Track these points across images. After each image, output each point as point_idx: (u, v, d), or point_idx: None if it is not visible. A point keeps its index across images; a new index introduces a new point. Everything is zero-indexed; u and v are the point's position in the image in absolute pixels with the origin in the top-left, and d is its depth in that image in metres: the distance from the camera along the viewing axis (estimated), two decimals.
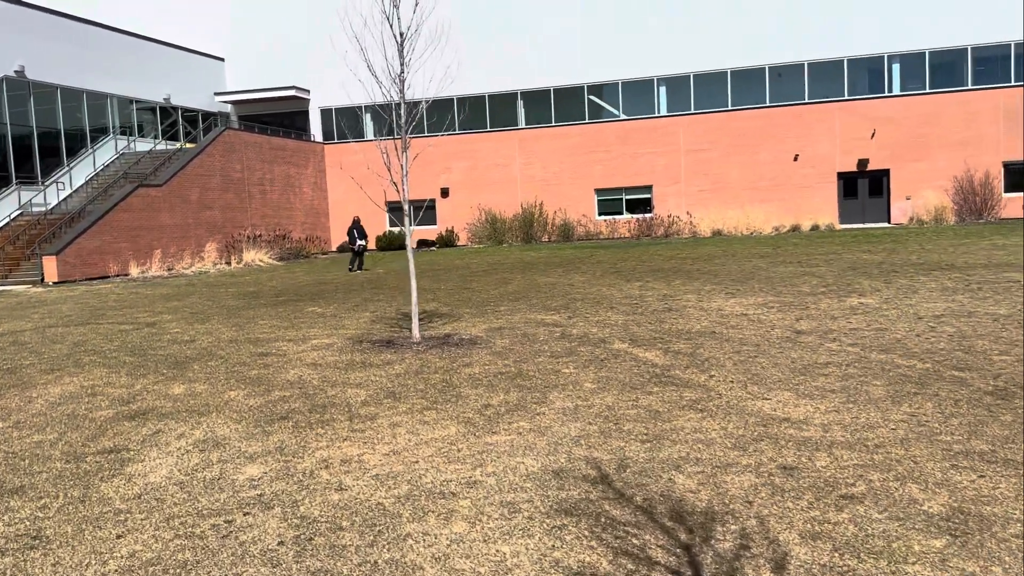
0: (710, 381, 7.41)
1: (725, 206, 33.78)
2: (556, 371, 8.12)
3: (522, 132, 36.33)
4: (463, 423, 6.30)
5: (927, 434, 5.46)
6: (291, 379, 8.42)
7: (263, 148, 33.94)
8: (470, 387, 7.57)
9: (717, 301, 12.99)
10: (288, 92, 37.61)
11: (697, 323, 10.91)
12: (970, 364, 7.58)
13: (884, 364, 7.78)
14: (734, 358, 8.43)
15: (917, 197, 32.04)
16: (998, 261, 16.66)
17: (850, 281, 14.68)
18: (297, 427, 6.47)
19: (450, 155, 36.74)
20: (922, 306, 11.38)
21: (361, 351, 9.83)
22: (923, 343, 8.75)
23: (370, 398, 7.33)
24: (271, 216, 34.01)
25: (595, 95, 35.92)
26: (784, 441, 5.46)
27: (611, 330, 10.62)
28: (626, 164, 35.22)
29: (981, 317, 10.20)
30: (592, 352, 9.09)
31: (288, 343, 10.79)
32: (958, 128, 31.54)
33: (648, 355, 8.79)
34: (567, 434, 5.86)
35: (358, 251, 23.93)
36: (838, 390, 6.84)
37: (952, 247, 20.71)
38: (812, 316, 11.04)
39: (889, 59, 32.49)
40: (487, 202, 36.37)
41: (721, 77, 34.25)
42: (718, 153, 34.22)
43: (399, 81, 9.45)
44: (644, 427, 5.94)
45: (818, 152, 33.21)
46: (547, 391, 7.28)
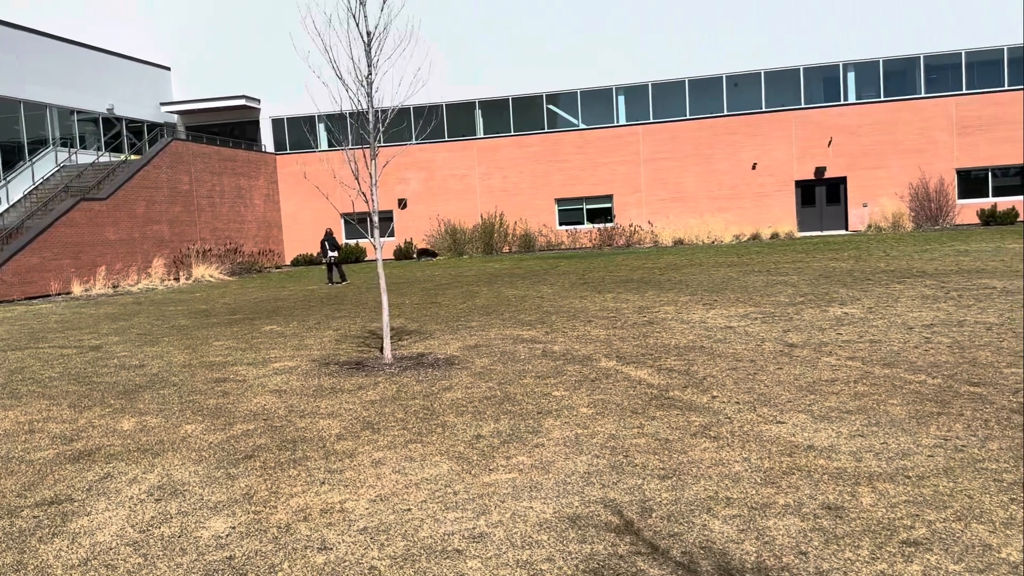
0: (714, 403, 6.89)
1: (686, 215, 33.66)
2: (546, 394, 7.51)
3: (481, 142, 35.78)
4: (455, 459, 5.65)
5: (969, 461, 5.00)
6: (254, 409, 7.66)
7: (212, 159, 32.77)
8: (455, 414, 6.93)
9: (697, 313, 12.55)
10: (238, 102, 36.47)
11: (682, 337, 10.43)
12: (982, 378, 7.20)
13: (893, 380, 7.36)
14: (732, 376, 7.94)
15: (874, 204, 32.31)
16: (968, 267, 16.59)
17: (826, 290, 14.40)
18: (266, 468, 5.75)
19: (407, 165, 35.97)
20: (908, 315, 11.07)
21: (329, 374, 9.11)
22: (925, 356, 8.37)
23: (346, 430, 6.63)
24: (222, 229, 32.82)
25: (554, 104, 35.57)
26: (817, 474, 4.94)
27: (595, 346, 10.07)
28: (586, 173, 34.90)
29: (973, 326, 9.91)
30: (580, 371, 8.52)
31: (247, 367, 10.00)
32: (912, 136, 31.92)
33: (640, 374, 8.25)
34: (575, 470, 5.25)
35: (331, 263, 23.24)
36: (855, 411, 6.37)
37: (916, 253, 20.71)
38: (799, 328, 10.65)
39: (844, 67, 32.78)
40: (446, 213, 35.70)
41: (679, 86, 34.19)
42: (677, 162, 34.11)
43: (367, 84, 8.79)
44: (658, 460, 5.37)
45: (776, 160, 33.31)
46: (541, 418, 6.67)
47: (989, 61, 31.31)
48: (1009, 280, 14.03)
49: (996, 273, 15.21)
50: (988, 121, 31.11)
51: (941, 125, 31.61)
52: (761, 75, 33.39)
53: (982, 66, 31.44)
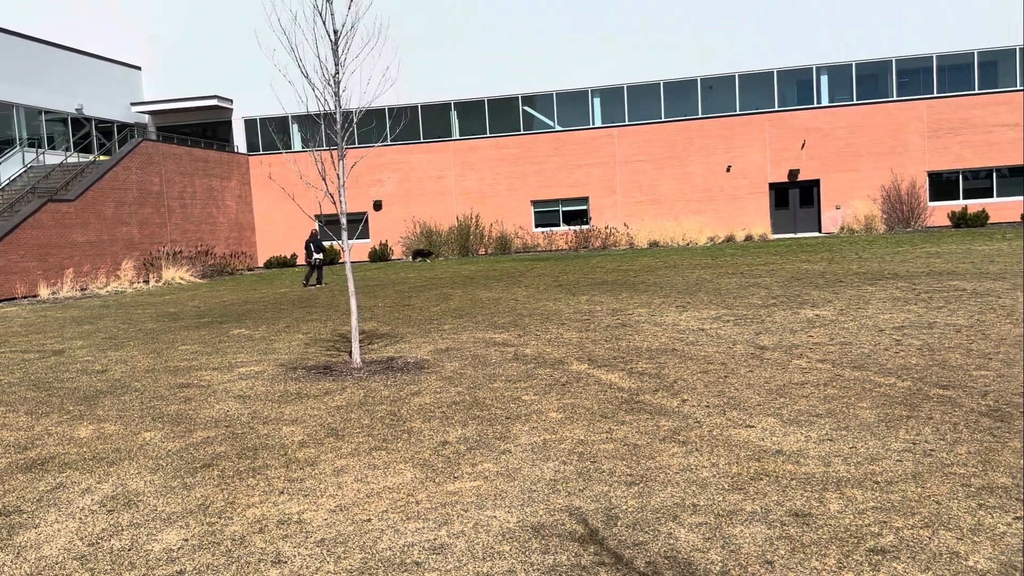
0: (684, 407, 6.82)
1: (661, 217, 33.73)
2: (516, 398, 7.40)
3: (456, 143, 35.63)
4: (419, 466, 5.52)
5: (938, 466, 4.95)
6: (216, 416, 7.48)
7: (183, 160, 32.33)
8: (422, 420, 6.80)
9: (670, 315, 12.51)
10: (210, 102, 36.03)
11: (655, 340, 10.37)
12: (952, 381, 7.19)
13: (863, 383, 7.33)
14: (703, 379, 7.88)
15: (847, 206, 32.58)
16: (939, 269, 16.72)
17: (798, 292, 14.43)
18: (224, 477, 5.58)
19: (382, 167, 35.76)
20: (879, 317, 11.10)
21: (295, 379, 8.93)
22: (895, 358, 8.37)
23: (309, 437, 6.47)
24: (193, 231, 32.38)
25: (529, 106, 35.51)
26: (785, 479, 4.87)
27: (567, 349, 9.98)
28: (562, 175, 34.88)
29: (943, 328, 9.94)
30: (551, 375, 8.42)
31: (212, 372, 9.79)
32: (884, 138, 32.23)
33: (611, 377, 8.17)
34: (540, 477, 5.15)
35: (315, 265, 22.79)
36: (824, 415, 6.32)
37: (888, 256, 20.86)
38: (771, 330, 10.63)
39: (817, 71, 33.04)
40: (421, 215, 35.51)
41: (654, 89, 34.27)
42: (652, 164, 34.18)
43: (334, 83, 8.63)
44: (626, 466, 5.28)
45: (750, 163, 33.48)
46: (509, 423, 6.56)
47: (959, 64, 31.71)
48: (979, 282, 14.14)
49: (966, 275, 15.33)
50: (959, 124, 31.49)
51: (913, 128, 31.96)
52: (735, 78, 33.56)
53: (952, 69, 31.83)
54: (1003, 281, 14.05)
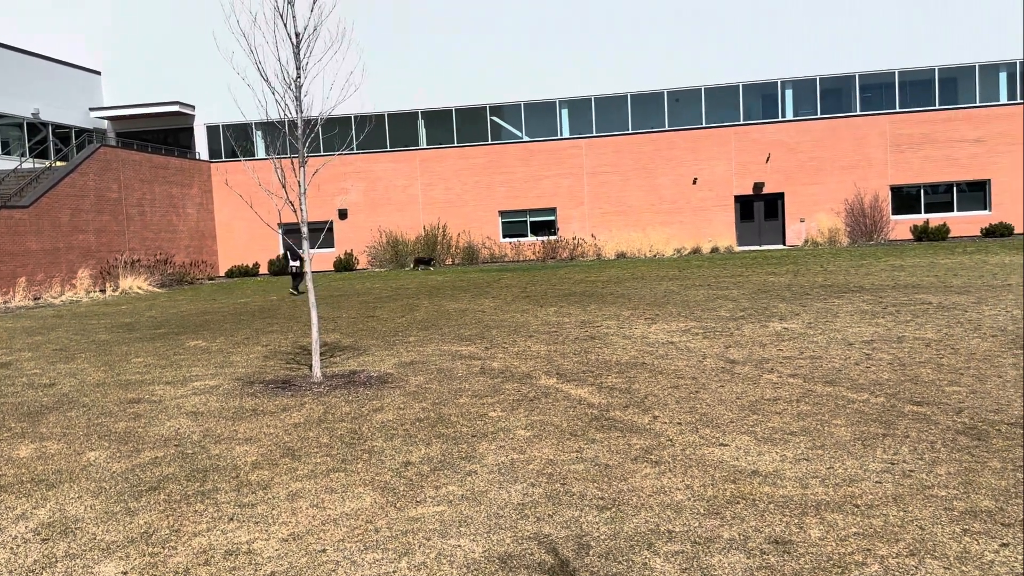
0: (656, 424, 6.61)
1: (628, 228, 33.74)
2: (482, 415, 7.14)
3: (424, 152, 35.34)
4: (379, 489, 5.23)
5: (918, 488, 4.79)
6: (166, 434, 7.10)
7: (143, 166, 31.59)
8: (384, 439, 6.50)
9: (639, 327, 12.34)
10: (171, 108, 35.32)
11: (624, 353, 10.18)
12: (925, 397, 7.08)
13: (836, 399, 7.20)
14: (674, 395, 7.69)
15: (811, 219, 32.88)
16: (904, 282, 16.81)
17: (766, 305, 14.38)
18: (170, 502, 5.24)
19: (348, 175, 35.32)
20: (848, 331, 11.04)
21: (252, 395, 8.57)
22: (866, 373, 8.26)
23: (263, 458, 6.14)
24: (152, 239, 31.62)
25: (497, 116, 35.36)
26: (762, 503, 4.67)
27: (535, 363, 9.74)
28: (530, 186, 34.75)
29: (912, 343, 9.89)
30: (519, 390, 8.17)
31: (165, 386, 9.38)
32: (848, 152, 32.62)
33: (581, 392, 7.95)
34: (508, 501, 4.89)
35: (294, 273, 22.62)
36: (798, 432, 6.16)
37: (853, 268, 20.99)
38: (740, 343, 10.51)
39: (782, 85, 33.36)
40: (388, 224, 35.11)
41: (621, 100, 34.35)
42: (620, 176, 34.21)
43: (295, 87, 8.34)
44: (597, 488, 5.04)
45: (716, 176, 33.67)
46: (475, 441, 6.29)
47: (921, 81, 32.24)
48: (944, 295, 14.20)
49: (931, 288, 15.42)
50: (920, 139, 31.99)
51: (875, 142, 32.39)
52: (701, 91, 33.76)
53: (914, 85, 32.35)
54: (968, 295, 14.13)
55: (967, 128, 31.61)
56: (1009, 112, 31.29)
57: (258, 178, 9.47)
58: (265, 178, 35.13)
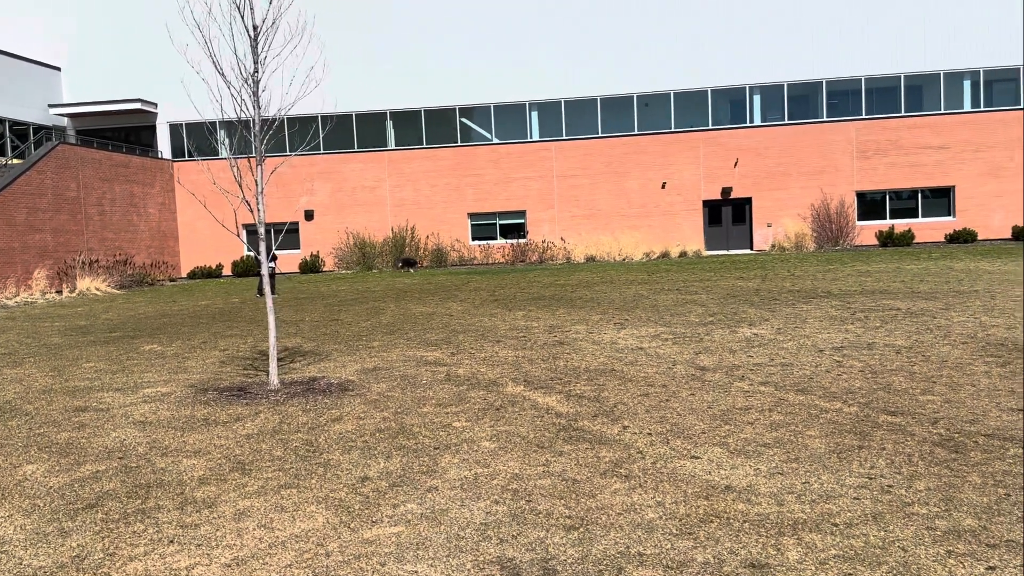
0: (625, 434, 6.38)
1: (597, 232, 33.64)
2: (446, 425, 6.85)
3: (392, 153, 34.93)
4: (333, 508, 4.92)
5: (898, 504, 4.61)
6: (111, 445, 6.71)
7: (103, 165, 30.79)
8: (341, 451, 6.19)
9: (608, 333, 12.14)
10: (133, 105, 34.51)
11: (593, 359, 9.95)
12: (899, 407, 6.94)
13: (808, 408, 7.03)
14: (644, 403, 7.47)
15: (778, 225, 33.05)
16: (871, 288, 16.83)
17: (735, 310, 14.26)
18: (108, 521, 4.88)
19: (314, 175, 34.79)
20: (818, 337, 10.93)
21: (205, 403, 8.19)
22: (838, 381, 8.12)
23: (211, 472, 5.79)
24: (111, 239, 30.82)
25: (467, 118, 35.08)
26: (737, 521, 4.45)
27: (502, 369, 9.48)
28: (499, 188, 34.51)
29: (882, 349, 9.80)
30: (485, 398, 7.90)
31: (115, 393, 8.96)
32: (815, 158, 32.84)
33: (548, 400, 7.69)
34: (470, 521, 4.61)
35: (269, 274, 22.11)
36: (772, 444, 5.96)
37: (820, 274, 21.03)
38: (710, 350, 10.34)
39: (750, 90, 33.51)
40: (355, 225, 34.63)
41: (591, 104, 34.25)
42: (589, 179, 34.11)
43: (252, 82, 7.99)
44: (564, 506, 4.79)
45: (684, 180, 33.70)
46: (438, 454, 6.00)
47: (887, 88, 32.57)
48: (912, 301, 14.20)
49: (899, 294, 15.43)
50: (886, 145, 32.31)
51: (842, 148, 32.65)
52: (671, 96, 33.79)
53: (880, 92, 32.68)
54: (935, 301, 14.14)
55: (931, 135, 32.00)
56: (972, 120, 31.73)
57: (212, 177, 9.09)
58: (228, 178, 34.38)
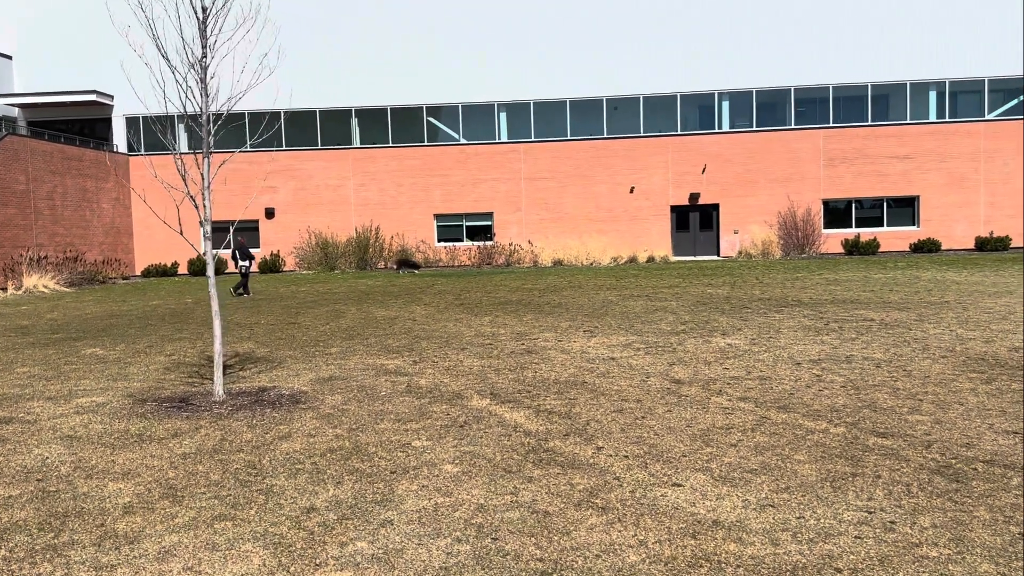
0: (600, 457, 5.88)
1: (565, 236, 33.22)
2: (404, 445, 6.29)
3: (356, 151, 34.16)
4: (272, 546, 4.34)
5: (905, 546, 4.16)
6: (30, 464, 6.04)
7: (55, 158, 29.59)
8: (287, 475, 5.59)
9: (578, 341, 11.66)
10: (88, 97, 33.28)
11: (563, 369, 9.46)
12: (889, 428, 6.54)
13: (793, 428, 6.60)
14: (619, 420, 6.98)
15: (744, 231, 32.94)
16: (842, 297, 16.60)
17: (706, 318, 13.89)
18: (11, 560, 4.24)
19: (276, 173, 33.86)
20: (793, 348, 10.57)
21: (142, 416, 7.52)
22: (820, 397, 7.72)
23: (138, 499, 5.17)
24: (62, 235, 29.63)
25: (434, 117, 34.45)
26: (730, 566, 3.97)
27: (466, 380, 8.93)
28: (467, 190, 33.93)
29: (861, 363, 9.45)
30: (448, 413, 7.35)
31: (45, 402, 8.24)
32: (782, 165, 32.80)
33: (516, 416, 7.17)
34: (428, 564, 4.06)
35: (244, 273, 21.78)
36: (758, 469, 5.50)
37: (788, 282, 20.82)
38: (684, 361, 9.91)
39: (719, 96, 33.38)
40: (318, 225, 33.78)
41: (560, 106, 33.85)
42: (558, 182, 33.70)
43: (200, 68, 7.35)
44: (535, 545, 4.26)
45: (652, 185, 33.45)
46: (394, 480, 5.44)
47: (854, 96, 32.66)
48: (884, 312, 13.95)
49: (870, 304, 15.20)
50: (852, 154, 32.38)
51: (809, 156, 32.65)
52: (640, 100, 33.52)
53: (847, 101, 32.76)
54: (907, 311, 13.91)
55: (897, 145, 32.15)
56: (937, 130, 31.94)
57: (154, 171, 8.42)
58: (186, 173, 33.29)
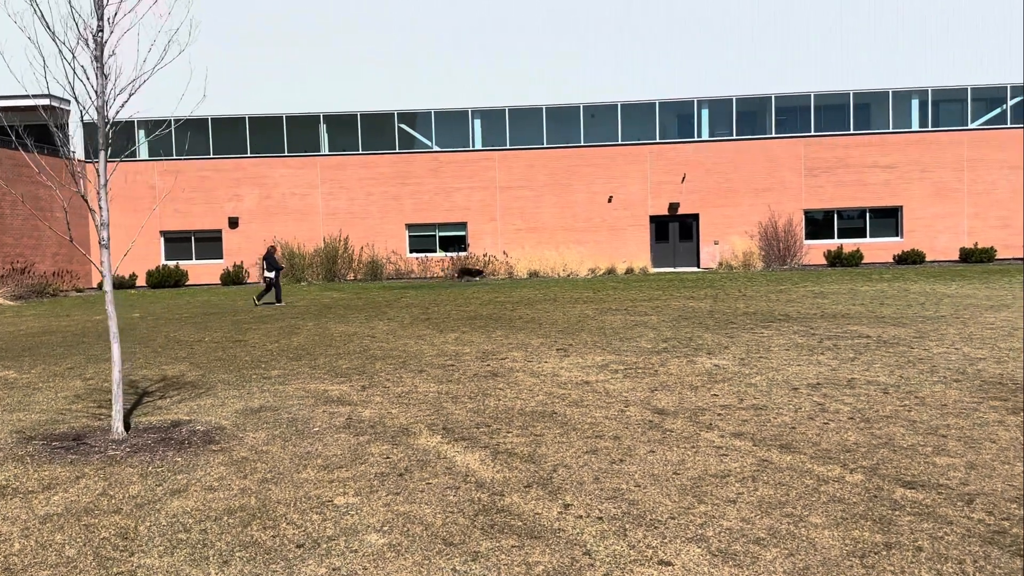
0: (567, 519, 4.72)
1: (541, 246, 32.13)
2: (324, 503, 5.08)
3: (325, 159, 32.89)
4: None
5: None
6: None
7: (4, 165, 28.05)
8: (162, 551, 4.37)
9: (549, 361, 10.52)
10: (42, 102, 31.71)
11: (530, 397, 8.30)
12: (915, 474, 5.44)
13: (801, 475, 5.48)
14: (592, 465, 5.83)
15: (725, 242, 32.05)
16: (831, 311, 15.60)
17: (690, 335, 12.81)
18: None
19: (240, 181, 32.54)
20: (788, 370, 9.49)
21: (20, 459, 6.25)
22: (827, 433, 6.62)
23: None
24: (11, 246, 28.07)
25: (406, 124, 33.29)
26: None
27: (418, 410, 7.75)
28: (440, 199, 32.76)
29: (866, 388, 8.38)
30: (388, 456, 6.15)
31: None
32: (762, 175, 31.97)
33: (470, 460, 6.00)
34: None
35: (268, 284, 21.06)
36: (766, 539, 4.37)
37: (772, 294, 19.84)
38: (667, 386, 8.79)
39: (698, 104, 32.53)
40: (285, 234, 32.43)
41: (536, 113, 32.84)
42: (534, 191, 32.63)
43: (94, 42, 6.17)
44: None
45: (631, 194, 32.49)
46: (299, 559, 4.23)
47: (835, 105, 31.93)
48: (880, 328, 12.95)
49: (862, 319, 14.20)
50: (834, 163, 31.62)
51: (790, 165, 31.85)
52: (618, 107, 32.59)
53: (829, 109, 32.02)
54: (904, 327, 12.91)
55: (879, 154, 31.44)
56: (920, 139, 31.28)
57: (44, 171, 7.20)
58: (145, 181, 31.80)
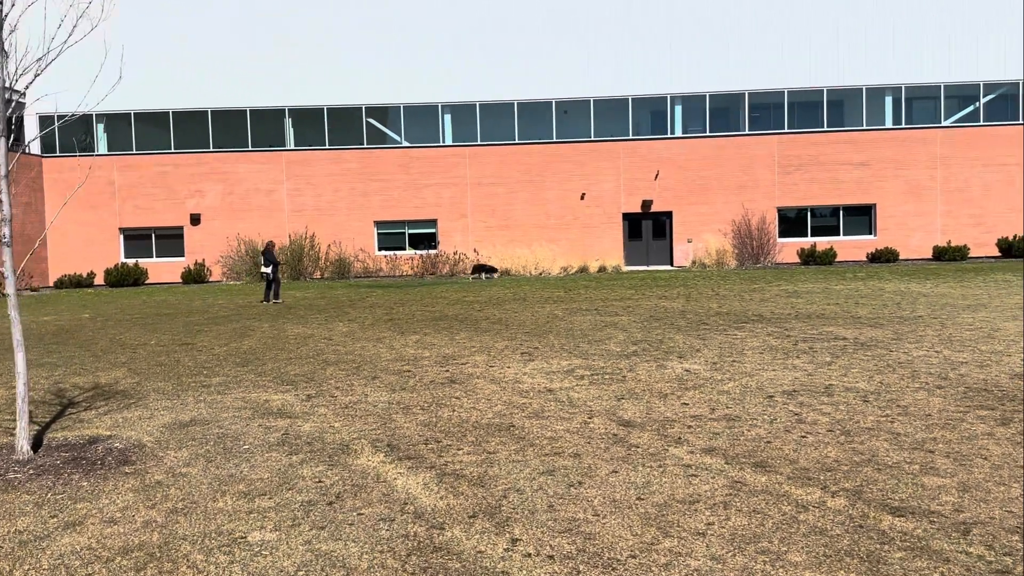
0: (514, 559, 4.13)
1: (513, 244, 31.55)
2: (236, 540, 4.45)
3: (291, 154, 32.04)
4: None
5: None
6: None
7: None
8: None
9: (512, 366, 9.94)
10: None
11: (488, 407, 7.71)
12: (902, 498, 4.92)
13: (777, 499, 4.94)
14: (547, 489, 5.25)
15: (698, 240, 31.68)
16: (805, 311, 15.18)
17: (660, 337, 12.29)
18: None
19: (202, 176, 31.60)
20: (762, 376, 8.99)
21: None
22: (805, 448, 6.10)
23: None
24: None
25: (375, 118, 32.53)
26: None
27: (363, 423, 7.13)
28: (409, 195, 32.04)
29: (844, 395, 7.89)
30: (320, 480, 5.53)
31: None
32: (736, 172, 31.63)
33: (411, 484, 5.39)
34: None
35: (269, 280, 20.73)
36: None
37: (746, 293, 19.43)
38: (635, 393, 8.25)
39: (672, 100, 32.12)
40: (249, 232, 31.54)
41: (508, 109, 32.24)
42: (506, 188, 32.03)
43: None
44: None
45: (604, 192, 32.01)
46: None
47: (809, 102, 31.67)
48: (856, 329, 12.52)
49: (838, 319, 13.77)
50: (807, 160, 31.36)
51: (764, 163, 31.54)
52: (591, 103, 32.09)
53: (802, 106, 31.76)
54: (882, 328, 12.49)
55: (853, 151, 31.23)
56: (893, 136, 31.10)
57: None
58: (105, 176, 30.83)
